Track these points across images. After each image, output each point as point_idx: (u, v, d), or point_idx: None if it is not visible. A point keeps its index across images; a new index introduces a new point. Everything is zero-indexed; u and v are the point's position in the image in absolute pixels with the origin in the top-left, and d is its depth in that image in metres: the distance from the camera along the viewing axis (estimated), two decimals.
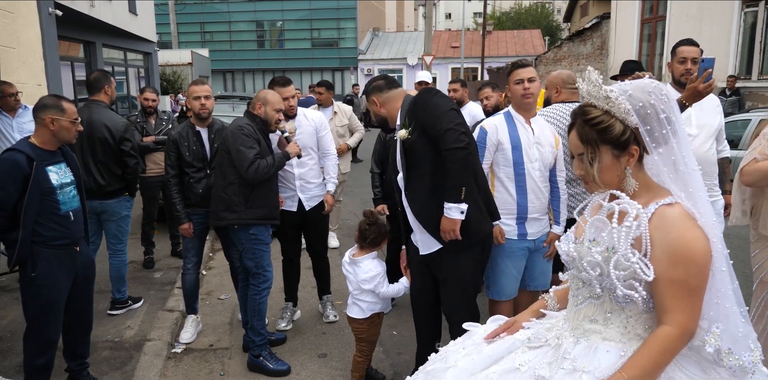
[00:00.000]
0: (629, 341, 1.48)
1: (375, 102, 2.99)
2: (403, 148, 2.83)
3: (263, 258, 3.52)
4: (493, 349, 1.70)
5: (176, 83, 22.42)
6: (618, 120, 1.46)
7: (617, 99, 1.44)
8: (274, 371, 3.43)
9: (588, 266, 1.50)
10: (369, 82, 3.11)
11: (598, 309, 1.54)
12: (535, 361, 1.56)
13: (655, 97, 1.43)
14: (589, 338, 1.53)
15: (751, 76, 11.06)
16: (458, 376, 1.66)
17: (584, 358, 1.48)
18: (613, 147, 1.47)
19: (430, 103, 2.77)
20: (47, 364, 2.95)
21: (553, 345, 1.58)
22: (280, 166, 3.49)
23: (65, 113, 2.89)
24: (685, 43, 3.37)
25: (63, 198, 2.90)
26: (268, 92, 3.57)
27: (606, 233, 1.47)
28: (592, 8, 21.98)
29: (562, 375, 1.47)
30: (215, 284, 5.09)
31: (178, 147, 3.78)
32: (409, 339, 3.85)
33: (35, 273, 2.82)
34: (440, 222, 2.75)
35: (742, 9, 10.95)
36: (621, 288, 1.43)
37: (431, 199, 2.78)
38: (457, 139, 2.64)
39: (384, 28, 42.64)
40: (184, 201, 3.80)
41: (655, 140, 1.45)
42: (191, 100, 3.81)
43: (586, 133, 1.49)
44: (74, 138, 3.00)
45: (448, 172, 2.67)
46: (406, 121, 2.82)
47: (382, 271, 3.17)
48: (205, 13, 37.07)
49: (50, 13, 8.57)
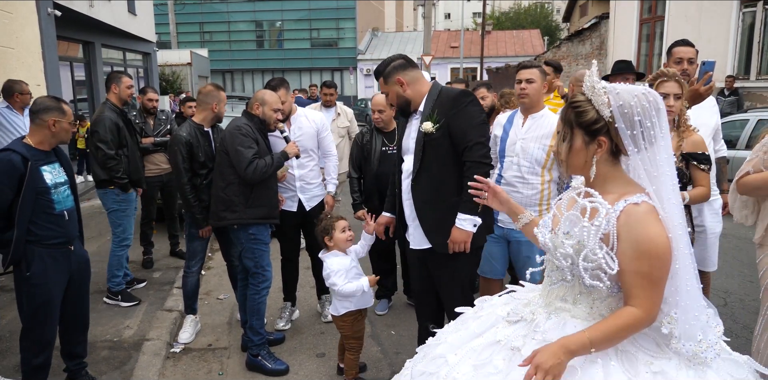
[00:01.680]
0: (594, 319, 1.65)
1: (401, 81, 2.81)
2: (423, 140, 2.79)
3: (262, 258, 3.53)
4: (478, 325, 1.89)
5: (175, 83, 22.41)
6: (594, 109, 1.61)
7: (599, 90, 1.59)
8: (272, 370, 3.44)
9: (561, 256, 1.68)
10: (385, 63, 2.88)
11: (568, 290, 1.72)
12: (513, 334, 1.74)
13: (637, 101, 1.55)
14: (560, 315, 1.71)
15: (749, 76, 11.08)
16: (447, 350, 1.87)
17: (553, 331, 1.66)
18: (585, 132, 1.63)
19: (467, 110, 2.75)
20: (44, 364, 2.96)
21: (528, 319, 1.76)
22: (278, 166, 3.49)
23: (66, 115, 2.92)
24: (680, 44, 3.40)
25: (57, 198, 2.91)
26: (266, 92, 3.56)
27: (578, 228, 1.63)
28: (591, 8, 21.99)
29: (533, 345, 1.65)
30: (214, 284, 5.10)
31: (192, 149, 3.65)
32: (407, 338, 3.86)
33: (29, 272, 2.83)
34: (437, 221, 2.78)
35: (740, 9, 10.97)
36: (587, 278, 1.60)
37: (434, 198, 2.81)
38: (485, 155, 2.74)
39: (383, 28, 42.66)
40: (201, 204, 3.71)
41: (631, 139, 1.57)
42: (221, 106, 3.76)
43: (566, 114, 1.67)
44: (69, 138, 3.04)
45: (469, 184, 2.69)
46: (434, 115, 2.76)
47: (340, 269, 3.14)
48: (205, 13, 37.07)
49: (49, 13, 8.58)
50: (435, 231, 2.84)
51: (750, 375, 1.63)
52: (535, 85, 3.13)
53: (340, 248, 3.21)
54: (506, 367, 1.66)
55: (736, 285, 4.64)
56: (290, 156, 3.55)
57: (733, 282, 4.68)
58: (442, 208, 2.80)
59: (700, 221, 3.44)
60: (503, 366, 1.66)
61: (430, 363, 1.88)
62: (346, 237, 3.20)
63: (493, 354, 1.72)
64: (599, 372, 1.55)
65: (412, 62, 2.91)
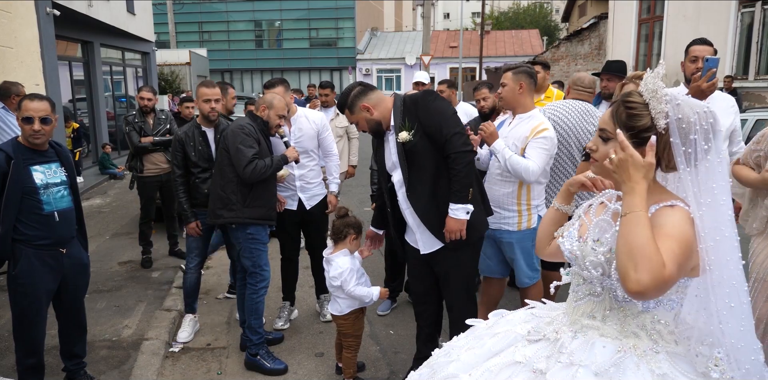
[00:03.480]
0: (625, 338, 1.50)
1: (366, 107, 2.90)
2: (404, 150, 2.85)
3: (260, 258, 3.53)
4: (495, 343, 1.73)
5: (174, 83, 22.39)
6: (650, 116, 1.47)
7: (662, 98, 1.45)
8: (271, 370, 3.44)
9: (590, 266, 1.53)
10: (344, 94, 2.97)
11: (597, 306, 1.57)
12: (534, 355, 1.59)
13: (697, 118, 1.43)
14: (587, 333, 1.56)
15: (747, 76, 11.10)
16: (460, 369, 1.70)
17: (581, 353, 1.50)
18: (632, 137, 1.48)
19: (433, 106, 2.81)
20: (38, 364, 2.96)
21: (551, 339, 1.60)
22: (277, 169, 3.51)
23: (19, 111, 2.82)
24: (697, 43, 3.36)
25: (47, 199, 2.86)
26: (276, 97, 3.58)
27: (610, 234, 1.50)
28: (590, 8, 21.99)
29: (558, 368, 1.50)
30: (213, 283, 5.10)
31: (184, 147, 3.79)
32: (405, 338, 3.87)
33: (15, 271, 2.82)
34: (443, 221, 2.82)
35: (738, 9, 10.99)
36: (621, 289, 1.45)
37: (433, 200, 2.85)
38: (465, 143, 2.78)
39: (382, 28, 42.64)
40: (191, 201, 3.83)
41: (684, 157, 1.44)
42: (200, 102, 3.80)
43: (618, 113, 1.52)
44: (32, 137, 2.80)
45: (456, 174, 2.77)
46: (406, 123, 2.82)
47: (351, 268, 3.15)
48: (204, 13, 37.05)
49: (48, 12, 8.57)
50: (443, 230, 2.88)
51: None
52: (507, 88, 3.22)
53: (349, 249, 3.22)
54: None
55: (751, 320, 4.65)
56: (290, 160, 3.57)
57: None
58: (444, 209, 2.84)
59: None
60: None
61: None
62: (356, 245, 3.23)
63: (512, 376, 1.58)
64: None
65: (369, 86, 3.00)
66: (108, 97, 13.76)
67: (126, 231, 6.82)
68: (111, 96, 14.07)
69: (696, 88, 2.95)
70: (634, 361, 1.45)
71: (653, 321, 1.50)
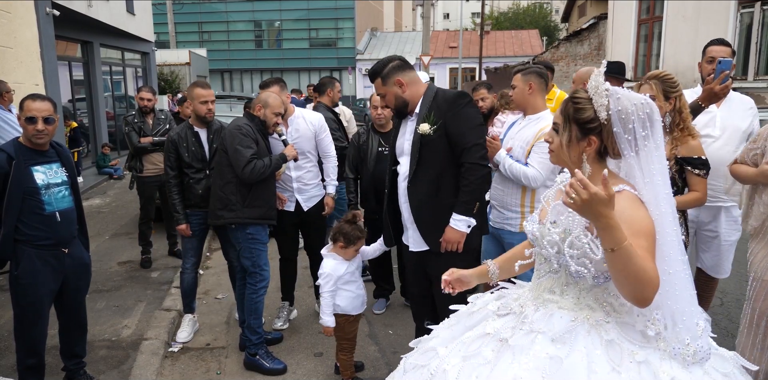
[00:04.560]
0: (581, 310, 1.69)
1: (400, 82, 2.80)
2: (419, 141, 2.80)
3: (260, 258, 3.54)
4: (469, 320, 1.95)
5: (174, 83, 22.40)
6: (593, 108, 1.64)
7: (602, 92, 1.62)
8: (270, 370, 3.45)
9: (547, 244, 1.73)
10: (382, 63, 2.85)
11: (555, 282, 1.77)
12: (502, 327, 1.78)
13: (634, 109, 1.59)
14: (547, 306, 1.75)
15: (747, 77, 11.10)
16: (438, 343, 1.94)
17: (540, 322, 1.70)
18: (579, 129, 1.67)
19: (465, 111, 2.78)
20: (38, 364, 2.96)
21: (517, 312, 1.81)
22: (276, 168, 3.51)
23: (22, 111, 2.82)
24: (715, 43, 3.32)
25: (48, 199, 2.87)
26: (270, 95, 3.58)
27: (564, 216, 1.68)
28: (590, 9, 22.00)
29: (520, 335, 1.70)
30: (212, 283, 5.10)
31: (177, 148, 3.79)
32: (404, 338, 3.87)
33: (17, 271, 2.83)
34: (434, 222, 2.80)
35: (738, 10, 10.99)
36: (573, 264, 1.64)
37: (430, 198, 2.82)
38: (483, 157, 2.77)
39: (382, 28, 42.65)
40: (184, 202, 3.82)
41: (628, 144, 1.61)
42: (197, 104, 3.78)
43: (566, 108, 1.70)
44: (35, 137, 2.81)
45: (467, 185, 2.74)
46: (431, 117, 2.76)
47: (331, 273, 3.13)
48: (203, 13, 37.05)
49: (47, 12, 8.58)
50: (433, 232, 2.85)
51: (736, 370, 1.66)
52: (517, 89, 3.22)
53: (339, 255, 3.20)
54: (494, 358, 1.70)
55: (733, 284, 4.65)
56: (288, 159, 3.57)
57: (729, 282, 4.69)
58: (439, 210, 2.81)
59: (714, 226, 3.38)
60: (491, 356, 1.70)
61: (422, 355, 1.94)
62: (352, 254, 3.20)
63: (482, 345, 1.76)
64: (583, 359, 1.57)
65: (409, 63, 2.91)
66: (108, 97, 13.77)
67: (125, 232, 6.82)
68: (111, 96, 14.07)
69: (708, 90, 2.90)
70: (586, 329, 1.64)
71: (606, 294, 1.68)
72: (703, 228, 3.42)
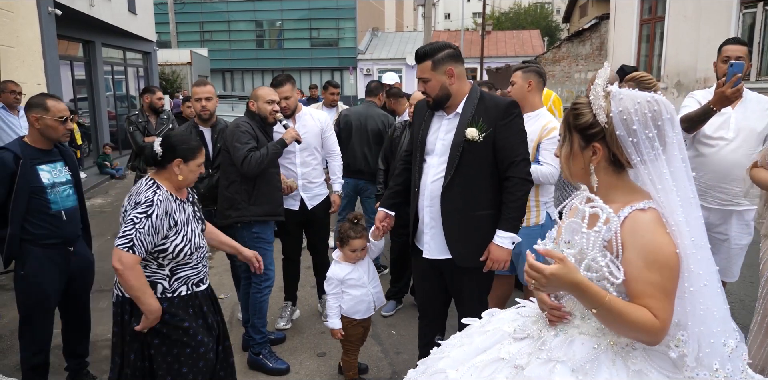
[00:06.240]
0: (603, 335, 1.54)
1: (451, 72, 2.58)
2: (462, 146, 2.61)
3: (265, 257, 3.53)
4: (483, 341, 1.79)
5: (175, 83, 22.41)
6: (592, 112, 1.52)
7: (599, 93, 1.51)
8: (273, 369, 3.45)
9: None
10: (436, 47, 2.59)
11: (576, 305, 1.61)
12: (518, 352, 1.64)
13: (638, 108, 1.45)
14: (567, 331, 1.60)
15: (749, 77, 11.09)
16: (449, 365, 1.77)
17: (560, 349, 1.55)
18: (581, 136, 1.55)
19: (516, 123, 2.64)
20: (42, 363, 2.96)
21: (535, 337, 1.65)
22: (276, 154, 3.48)
23: (49, 112, 2.85)
24: (730, 42, 3.24)
25: (54, 198, 2.88)
26: (259, 88, 3.62)
27: (579, 236, 1.53)
28: (591, 9, 21.99)
29: (537, 364, 1.55)
30: (215, 283, 5.08)
31: None
32: (408, 338, 3.87)
33: (24, 270, 2.83)
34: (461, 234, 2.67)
35: (740, 10, 10.98)
36: None
37: (464, 208, 2.66)
38: (529, 173, 2.65)
39: (383, 28, 42.64)
40: None
41: (634, 148, 1.46)
42: (193, 101, 3.84)
43: (567, 116, 1.59)
44: (64, 136, 2.94)
45: (514, 201, 2.60)
46: (479, 122, 2.59)
47: (334, 277, 3.14)
48: (205, 13, 37.05)
49: (50, 12, 8.59)
50: (459, 242, 2.69)
51: None
52: (516, 86, 3.20)
53: (348, 259, 3.18)
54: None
55: (737, 285, 4.64)
56: (289, 142, 3.55)
57: (734, 284, 4.66)
58: (470, 219, 2.65)
59: (724, 229, 3.29)
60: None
61: (430, 378, 1.80)
62: (356, 256, 3.16)
63: (495, 372, 1.63)
64: None
65: (462, 57, 2.69)
66: (109, 96, 13.77)
67: None
68: (112, 95, 14.08)
69: (720, 94, 2.83)
70: (610, 357, 1.49)
71: None
72: (713, 231, 3.30)
